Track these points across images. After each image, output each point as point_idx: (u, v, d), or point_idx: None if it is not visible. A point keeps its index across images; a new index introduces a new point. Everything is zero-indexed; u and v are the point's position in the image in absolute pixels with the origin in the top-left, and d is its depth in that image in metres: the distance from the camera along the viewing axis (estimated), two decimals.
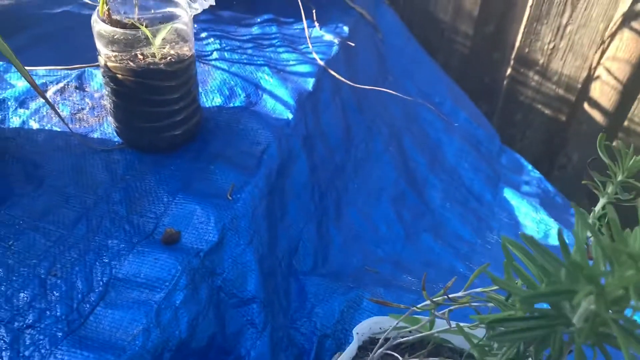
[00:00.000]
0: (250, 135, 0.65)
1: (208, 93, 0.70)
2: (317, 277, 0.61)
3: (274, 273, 0.57)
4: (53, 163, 0.58)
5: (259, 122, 0.67)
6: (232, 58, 0.78)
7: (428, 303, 0.36)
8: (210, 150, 0.63)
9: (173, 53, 0.56)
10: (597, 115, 1.12)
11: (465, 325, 0.38)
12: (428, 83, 0.96)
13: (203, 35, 0.81)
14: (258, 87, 0.73)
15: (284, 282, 0.59)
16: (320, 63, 0.79)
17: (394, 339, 0.41)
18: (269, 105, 0.70)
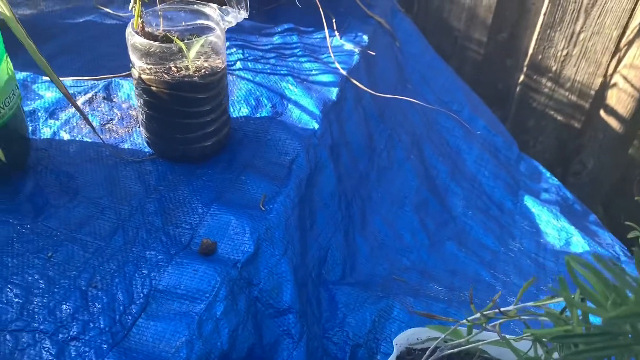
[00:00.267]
0: (279, 146, 0.65)
1: (235, 103, 0.71)
2: (347, 286, 0.61)
3: (306, 283, 0.58)
4: (86, 174, 0.59)
5: (286, 132, 0.67)
6: (255, 68, 0.79)
7: (478, 316, 0.37)
8: (240, 161, 0.63)
9: (207, 66, 0.57)
10: (613, 123, 1.13)
11: (511, 338, 0.38)
12: (446, 91, 0.97)
13: (226, 45, 0.82)
14: (283, 97, 0.73)
15: (315, 291, 0.59)
16: (343, 72, 0.79)
17: (441, 350, 0.41)
18: (295, 115, 0.71)
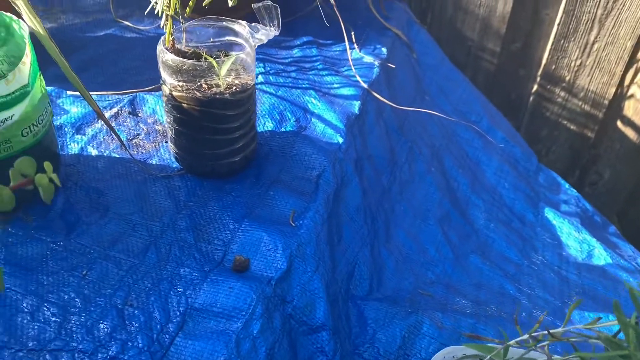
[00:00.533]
0: (305, 160, 0.66)
1: (260, 117, 0.71)
2: (375, 301, 0.61)
3: (337, 299, 0.58)
4: (116, 190, 0.59)
5: (312, 146, 0.67)
6: (277, 82, 0.79)
7: (526, 338, 0.37)
8: (268, 176, 0.63)
9: (237, 83, 0.57)
10: (630, 134, 1.13)
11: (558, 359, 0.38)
12: (464, 102, 0.97)
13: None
14: (306, 111, 0.74)
15: (344, 307, 0.59)
16: (364, 86, 0.80)
17: None
18: (319, 129, 0.71)
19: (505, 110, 1.27)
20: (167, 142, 0.66)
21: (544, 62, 1.23)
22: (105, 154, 0.64)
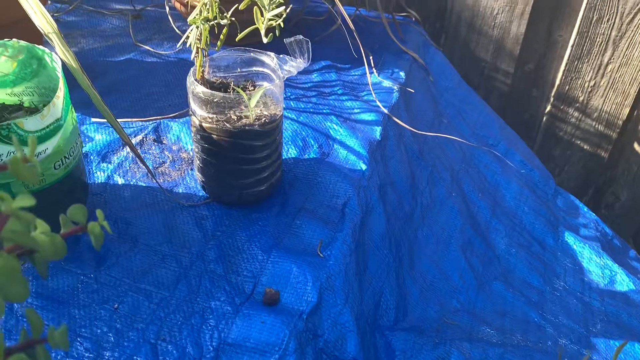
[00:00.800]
0: (329, 188, 0.66)
1: (283, 145, 0.71)
2: (401, 332, 0.61)
3: (365, 330, 0.57)
4: (144, 220, 0.59)
5: (336, 174, 0.67)
6: (298, 107, 0.79)
7: None
8: (293, 204, 0.63)
9: (266, 114, 0.58)
10: None
11: None
12: (481, 124, 0.97)
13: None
14: (328, 137, 0.74)
15: (371, 338, 0.59)
16: (385, 111, 0.80)
17: None
18: (342, 156, 0.71)
19: (518, 130, 1.28)
20: (192, 169, 0.67)
21: (558, 82, 1.23)
22: (132, 183, 0.64)
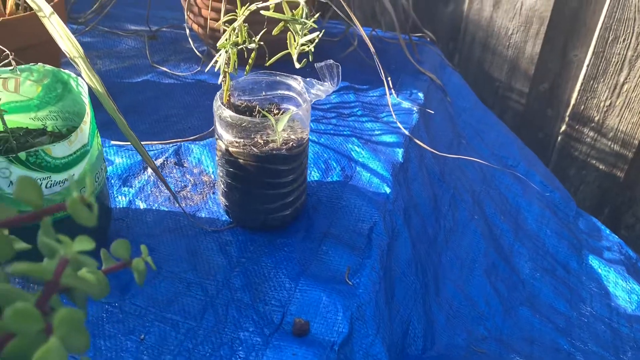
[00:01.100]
0: (354, 212, 0.64)
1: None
2: None
3: None
4: (167, 246, 0.58)
5: (360, 197, 0.66)
6: (318, 129, 0.79)
7: None
8: (318, 229, 0.62)
9: (293, 138, 0.57)
10: None
11: None
12: (500, 145, 0.96)
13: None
14: (351, 159, 0.73)
15: None
16: (406, 132, 0.79)
17: None
18: (364, 179, 0.70)
19: (533, 150, 1.27)
20: (214, 193, 0.66)
21: (573, 102, 1.23)
22: (154, 208, 0.63)
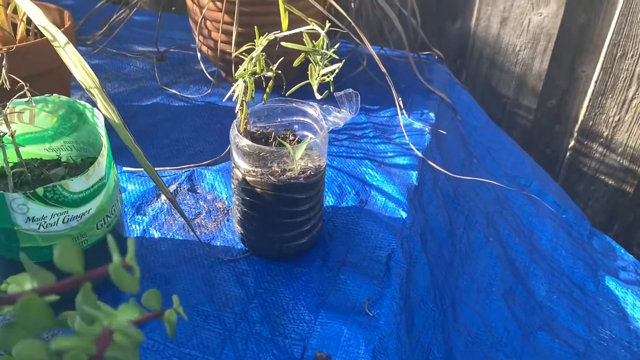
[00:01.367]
0: (371, 239, 0.63)
1: None
2: None
3: None
4: (183, 277, 0.57)
5: (376, 223, 0.65)
6: (331, 151, 0.78)
7: None
8: (335, 256, 0.61)
9: (311, 166, 0.56)
10: None
11: None
12: (512, 164, 0.95)
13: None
14: (365, 183, 0.72)
15: None
16: (419, 154, 0.78)
17: None
18: (380, 203, 0.69)
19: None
20: (229, 220, 0.65)
21: (581, 118, 1.22)
22: (169, 236, 0.62)
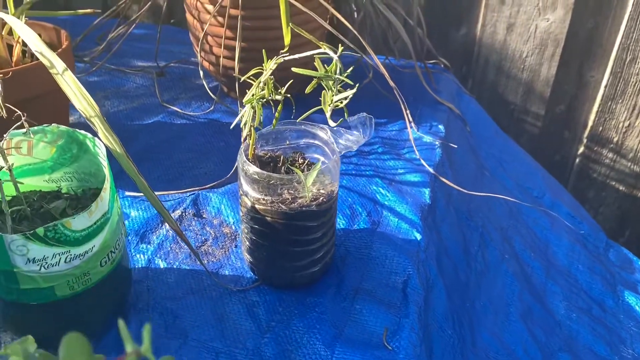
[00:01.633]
0: (386, 264, 0.61)
1: None
2: None
3: None
4: (192, 311, 0.54)
5: (390, 246, 0.63)
6: (340, 169, 0.75)
7: None
8: (349, 284, 0.59)
9: (323, 192, 0.53)
10: None
11: None
12: (524, 175, 0.93)
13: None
14: (376, 203, 0.70)
15: None
16: (430, 170, 0.76)
17: None
18: (392, 224, 0.67)
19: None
20: (237, 246, 0.62)
21: (591, 124, 1.20)
22: (175, 266, 0.59)
